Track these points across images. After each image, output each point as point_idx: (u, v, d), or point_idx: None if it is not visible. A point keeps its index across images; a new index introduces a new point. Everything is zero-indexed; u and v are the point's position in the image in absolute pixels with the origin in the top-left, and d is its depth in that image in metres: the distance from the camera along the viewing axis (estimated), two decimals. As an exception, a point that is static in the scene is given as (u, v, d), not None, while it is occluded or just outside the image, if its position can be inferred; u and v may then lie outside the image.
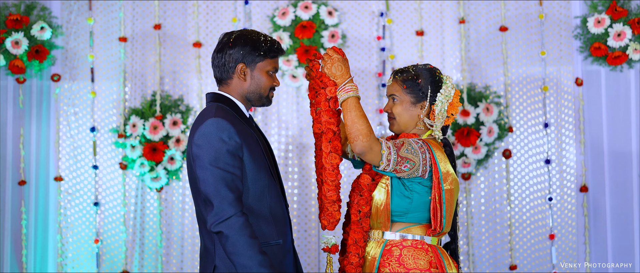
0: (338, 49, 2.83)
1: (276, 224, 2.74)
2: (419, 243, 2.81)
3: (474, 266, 4.78)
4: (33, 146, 4.76)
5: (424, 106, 2.88)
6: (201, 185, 2.60)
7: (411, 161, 2.74)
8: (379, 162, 2.73)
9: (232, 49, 2.76)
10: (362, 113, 2.74)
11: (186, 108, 4.80)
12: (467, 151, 4.68)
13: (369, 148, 2.72)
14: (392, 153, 2.73)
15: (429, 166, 2.77)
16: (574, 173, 4.79)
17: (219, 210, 2.56)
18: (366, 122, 2.73)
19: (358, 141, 2.72)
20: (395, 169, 2.74)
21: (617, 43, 4.50)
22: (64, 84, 4.82)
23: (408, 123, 2.90)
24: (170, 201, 4.83)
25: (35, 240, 4.74)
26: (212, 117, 2.64)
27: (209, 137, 2.61)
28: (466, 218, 4.80)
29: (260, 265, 2.54)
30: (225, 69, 2.78)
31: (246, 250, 2.54)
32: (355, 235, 2.84)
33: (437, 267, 2.79)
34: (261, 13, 4.86)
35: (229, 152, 2.61)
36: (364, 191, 2.85)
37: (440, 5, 4.88)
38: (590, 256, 4.73)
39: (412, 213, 2.81)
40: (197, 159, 2.61)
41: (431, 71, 2.91)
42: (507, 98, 4.80)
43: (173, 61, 4.87)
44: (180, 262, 4.81)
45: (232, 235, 2.54)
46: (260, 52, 2.77)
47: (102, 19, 4.86)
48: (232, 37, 2.79)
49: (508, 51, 4.82)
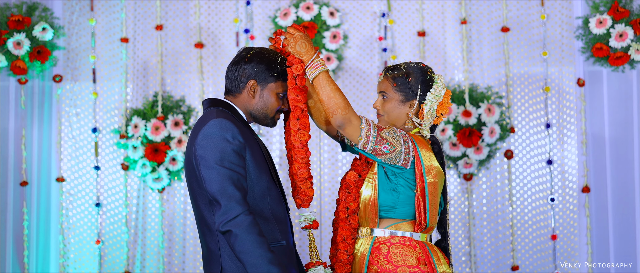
0: (297, 26, 2.81)
1: (278, 225, 2.74)
2: (407, 240, 2.80)
3: (476, 266, 4.78)
4: (35, 147, 4.76)
5: (413, 104, 2.86)
6: (207, 184, 2.60)
7: (392, 144, 2.72)
8: (358, 138, 2.72)
9: (247, 64, 2.76)
10: (337, 87, 2.73)
11: (188, 108, 4.81)
12: (469, 152, 4.68)
13: (348, 120, 2.71)
14: (371, 130, 2.71)
15: (412, 157, 2.75)
16: (576, 173, 4.79)
17: (227, 208, 2.56)
18: (342, 95, 2.72)
19: (337, 114, 2.71)
20: (374, 149, 2.72)
21: (619, 44, 4.50)
22: (65, 84, 4.82)
23: (396, 120, 2.88)
24: (172, 202, 4.83)
25: (37, 240, 4.74)
26: (214, 118, 2.65)
27: (213, 137, 2.61)
28: (468, 218, 4.80)
29: (269, 263, 2.53)
30: (237, 83, 2.78)
31: (255, 248, 2.54)
32: (344, 232, 2.84)
33: (425, 263, 2.77)
34: (263, 14, 4.86)
35: (234, 151, 2.61)
36: (352, 188, 2.84)
37: (442, 5, 4.88)
38: (592, 256, 4.73)
39: (399, 208, 2.79)
40: (202, 160, 2.61)
41: (423, 70, 2.88)
42: (509, 99, 4.80)
43: (175, 61, 4.87)
44: (182, 262, 4.81)
45: (240, 234, 2.54)
46: (274, 73, 2.77)
47: (104, 19, 4.87)
48: (250, 52, 2.79)
49: (510, 51, 4.82)
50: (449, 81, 4.82)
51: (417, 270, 2.75)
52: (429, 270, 2.77)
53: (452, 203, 4.82)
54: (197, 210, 2.73)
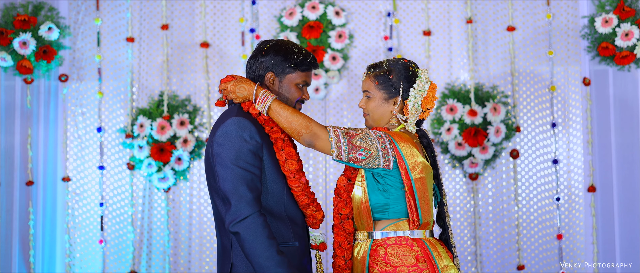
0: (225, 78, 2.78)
1: (293, 226, 2.74)
2: (403, 240, 2.77)
3: (482, 266, 4.77)
4: (41, 147, 4.76)
5: (396, 102, 2.83)
6: (220, 182, 2.60)
7: (366, 150, 2.69)
8: (330, 150, 2.71)
9: (264, 57, 2.77)
10: (292, 109, 2.71)
11: (193, 108, 4.81)
12: (474, 151, 4.68)
13: (315, 136, 2.70)
14: (341, 140, 2.69)
15: (393, 157, 2.72)
16: (582, 173, 4.79)
17: (237, 209, 2.56)
18: (300, 115, 2.70)
19: (301, 135, 2.70)
20: (350, 157, 2.70)
21: (625, 43, 4.49)
22: (71, 84, 4.82)
23: (380, 118, 2.86)
24: (177, 202, 4.83)
25: (43, 240, 4.74)
26: (234, 116, 2.65)
27: (231, 136, 2.62)
28: (473, 218, 4.79)
29: (278, 265, 2.53)
30: (256, 76, 2.78)
31: (264, 250, 2.53)
32: (339, 238, 2.83)
33: (424, 260, 2.75)
34: (268, 13, 4.86)
35: (250, 151, 2.62)
36: (342, 193, 2.83)
37: (448, 5, 4.88)
38: (598, 256, 4.72)
39: (392, 207, 2.77)
40: (218, 157, 2.62)
41: (405, 66, 2.84)
42: (515, 98, 4.80)
43: (180, 61, 4.88)
44: (188, 262, 4.81)
45: (249, 237, 2.54)
46: (291, 64, 2.76)
47: (110, 19, 4.87)
48: (267, 45, 2.79)
49: (515, 50, 4.82)
50: (455, 81, 4.82)
51: (415, 268, 2.73)
52: (429, 267, 2.74)
53: (458, 203, 4.82)
54: (213, 204, 2.75)
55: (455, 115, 4.68)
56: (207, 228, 4.82)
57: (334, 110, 4.87)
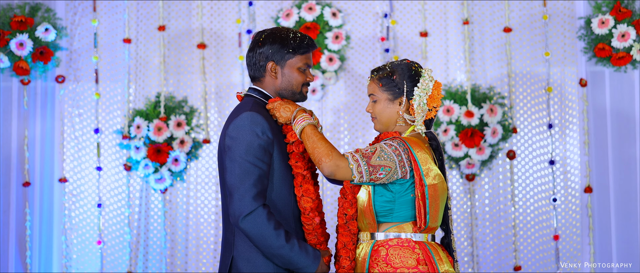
0: (273, 99, 2.82)
1: (296, 225, 2.75)
2: (405, 242, 2.78)
3: (478, 267, 4.78)
4: (37, 148, 4.76)
5: (402, 101, 2.84)
6: (227, 175, 2.61)
7: (386, 167, 2.71)
8: (352, 176, 2.72)
9: (261, 48, 2.78)
10: (320, 136, 2.73)
11: (190, 109, 4.81)
12: (471, 152, 4.68)
13: (335, 167, 2.70)
14: (361, 165, 2.71)
15: (409, 166, 2.74)
16: (578, 173, 4.79)
17: (240, 204, 2.57)
18: (325, 143, 2.71)
19: (322, 163, 2.70)
20: (371, 178, 2.72)
21: (621, 44, 4.50)
22: (68, 85, 4.82)
23: (388, 121, 2.87)
24: (174, 203, 4.83)
25: (40, 241, 4.74)
26: (248, 110, 2.66)
27: (243, 130, 2.63)
28: (470, 219, 4.79)
29: (291, 250, 2.59)
30: (257, 68, 2.79)
31: (274, 241, 2.58)
32: (344, 238, 2.83)
33: (425, 263, 2.75)
34: (265, 14, 4.87)
35: (261, 146, 2.63)
36: (348, 194, 2.83)
37: (444, 6, 4.89)
38: (594, 257, 4.72)
39: (397, 212, 2.78)
40: (229, 150, 2.63)
41: (407, 66, 2.86)
42: (511, 99, 4.80)
43: (177, 62, 4.88)
44: (185, 263, 4.81)
45: (256, 232, 2.57)
46: (289, 49, 2.77)
47: (107, 20, 4.87)
48: (262, 35, 2.80)
49: (512, 51, 4.82)
50: (451, 82, 4.83)
51: (416, 271, 2.73)
52: (430, 270, 2.75)
53: (455, 204, 4.82)
54: (222, 196, 2.77)
55: (451, 116, 4.69)
56: (203, 229, 4.83)
57: (331, 111, 4.87)
